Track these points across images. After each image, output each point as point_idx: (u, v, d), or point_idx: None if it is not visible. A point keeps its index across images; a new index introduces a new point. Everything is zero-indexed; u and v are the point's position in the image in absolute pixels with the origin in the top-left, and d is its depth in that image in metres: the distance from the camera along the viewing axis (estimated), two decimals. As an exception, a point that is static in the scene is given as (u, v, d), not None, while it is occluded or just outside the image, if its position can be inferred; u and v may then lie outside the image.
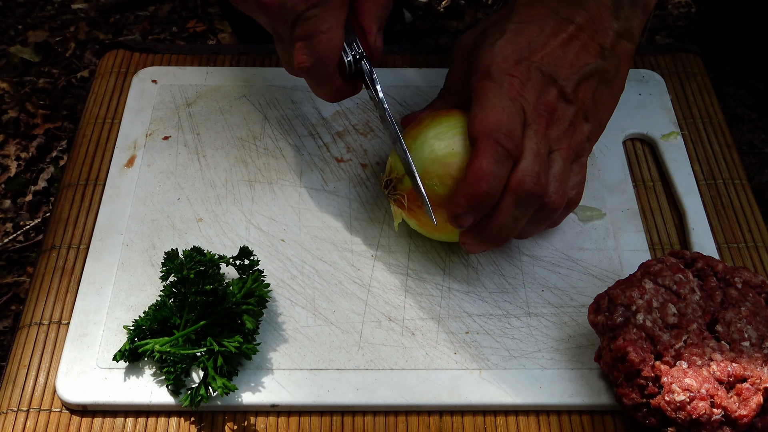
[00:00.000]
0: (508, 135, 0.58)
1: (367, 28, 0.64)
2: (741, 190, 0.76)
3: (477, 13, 1.32)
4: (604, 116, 0.66)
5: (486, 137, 0.59)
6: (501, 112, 0.59)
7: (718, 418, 0.54)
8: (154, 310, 0.62)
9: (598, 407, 0.61)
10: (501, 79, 0.61)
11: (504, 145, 0.58)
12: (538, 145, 0.60)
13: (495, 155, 0.58)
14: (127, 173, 0.75)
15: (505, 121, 0.59)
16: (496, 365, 0.63)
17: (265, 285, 0.63)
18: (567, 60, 0.62)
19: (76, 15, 1.33)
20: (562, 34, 0.63)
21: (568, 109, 0.62)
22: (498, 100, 0.60)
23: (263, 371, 0.62)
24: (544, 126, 0.61)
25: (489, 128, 0.59)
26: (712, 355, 0.56)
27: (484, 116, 0.59)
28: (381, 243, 0.70)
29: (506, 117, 0.59)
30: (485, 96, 0.60)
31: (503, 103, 0.59)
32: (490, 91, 0.60)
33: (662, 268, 0.60)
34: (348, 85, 0.67)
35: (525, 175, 0.59)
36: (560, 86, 0.61)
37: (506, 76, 0.61)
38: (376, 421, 0.61)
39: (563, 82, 0.61)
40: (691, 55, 0.87)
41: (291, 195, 0.74)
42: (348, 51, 0.64)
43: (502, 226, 0.61)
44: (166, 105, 0.81)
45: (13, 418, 0.61)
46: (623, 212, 0.73)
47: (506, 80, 0.60)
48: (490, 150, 0.58)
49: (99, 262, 0.68)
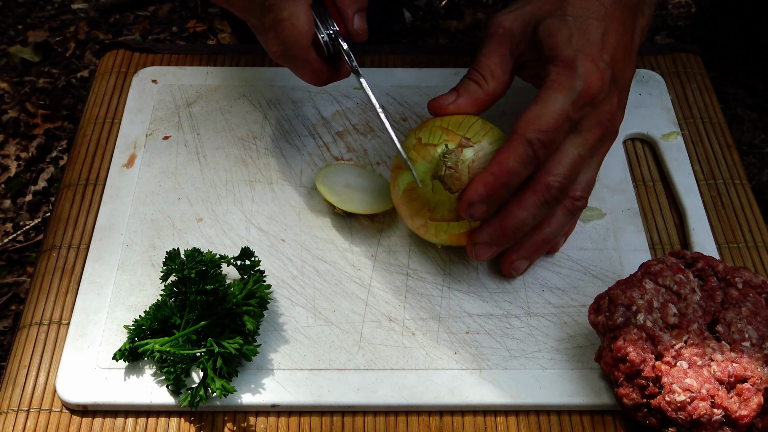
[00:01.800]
0: (545, 145, 0.59)
1: (343, 12, 0.65)
2: (741, 190, 0.76)
3: (477, 13, 1.32)
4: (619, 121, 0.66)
5: (522, 137, 0.59)
6: (553, 120, 0.59)
7: (718, 419, 0.54)
8: (155, 310, 0.62)
9: (599, 407, 0.61)
10: (583, 70, 0.59)
11: (536, 151, 0.59)
12: (581, 153, 0.61)
13: (524, 156, 0.59)
14: (127, 173, 0.75)
15: (552, 128, 0.59)
16: (497, 365, 0.63)
17: (267, 286, 0.63)
18: (623, 63, 0.62)
19: (76, 15, 1.33)
20: (617, 33, 0.62)
21: (619, 115, 0.63)
22: (560, 104, 0.59)
23: (263, 371, 0.62)
24: (597, 137, 0.61)
25: (531, 130, 0.59)
26: (712, 356, 0.56)
27: (536, 118, 0.59)
28: (381, 243, 0.70)
29: (554, 124, 0.59)
30: (553, 92, 0.59)
31: (563, 108, 0.59)
32: (563, 88, 0.59)
33: (663, 268, 0.60)
34: (330, 67, 0.67)
35: (556, 181, 0.60)
36: (620, 92, 0.62)
37: (587, 75, 0.60)
38: (376, 421, 0.61)
39: (622, 88, 0.62)
40: (691, 55, 0.87)
41: (291, 195, 0.74)
42: (323, 30, 0.65)
43: (522, 221, 0.61)
44: (166, 105, 0.81)
45: (14, 418, 0.61)
46: (623, 212, 0.73)
47: (584, 80, 0.59)
48: (520, 150, 0.59)
49: (99, 261, 0.68)
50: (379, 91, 0.82)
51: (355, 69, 0.66)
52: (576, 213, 0.66)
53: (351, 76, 0.68)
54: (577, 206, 0.65)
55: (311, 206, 0.73)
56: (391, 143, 0.65)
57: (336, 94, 0.82)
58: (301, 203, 0.73)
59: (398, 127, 0.79)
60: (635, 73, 0.83)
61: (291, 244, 0.70)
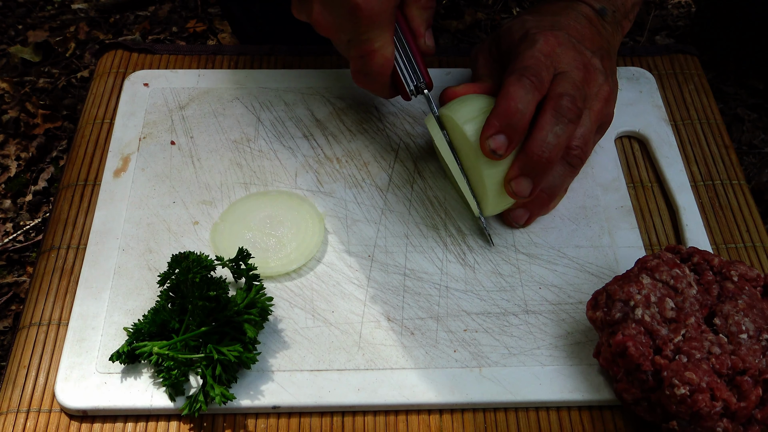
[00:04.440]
0: (533, 73, 0.64)
1: (416, 31, 0.70)
2: (739, 190, 0.76)
3: (477, 13, 1.32)
4: (613, 102, 0.71)
5: (512, 73, 0.65)
6: (531, 59, 0.65)
7: (718, 411, 0.54)
8: (153, 314, 0.61)
9: (598, 403, 0.62)
10: (536, 38, 0.67)
11: (529, 78, 0.64)
12: (575, 79, 0.66)
13: (522, 84, 0.64)
14: (122, 177, 0.74)
15: (533, 63, 0.65)
16: (496, 363, 0.63)
17: (268, 298, 0.63)
18: (587, 37, 0.70)
19: (76, 15, 1.32)
20: (580, 18, 0.71)
21: (598, 74, 0.68)
22: (532, 52, 0.66)
23: (264, 373, 0.62)
24: (580, 78, 0.66)
25: (517, 68, 0.65)
26: (710, 348, 0.56)
27: (518, 62, 0.66)
28: (378, 243, 0.70)
29: (534, 62, 0.65)
30: (521, 54, 0.67)
31: (535, 55, 0.66)
32: (526, 50, 0.66)
33: (659, 264, 0.61)
34: (397, 92, 0.73)
35: (566, 86, 0.65)
36: (589, 54, 0.68)
37: (541, 35, 0.67)
38: (376, 420, 0.61)
39: (589, 52, 0.68)
40: (689, 56, 0.88)
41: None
42: (410, 81, 0.71)
43: (542, 140, 0.64)
44: (158, 108, 0.81)
45: (13, 418, 0.60)
46: (617, 209, 0.73)
47: (541, 38, 0.67)
48: (516, 82, 0.64)
49: (96, 266, 0.68)
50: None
51: (427, 97, 0.71)
52: (573, 163, 0.68)
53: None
54: (574, 155, 0.67)
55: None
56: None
57: (328, 95, 0.82)
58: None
59: (395, 128, 0.79)
60: (626, 70, 0.84)
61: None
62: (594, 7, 0.73)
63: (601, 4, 0.73)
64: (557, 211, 0.72)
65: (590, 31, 0.71)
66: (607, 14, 0.73)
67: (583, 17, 0.72)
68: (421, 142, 0.78)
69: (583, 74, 0.67)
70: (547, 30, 0.68)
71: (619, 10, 0.74)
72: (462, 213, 0.73)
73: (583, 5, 0.73)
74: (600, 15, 0.73)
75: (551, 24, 0.69)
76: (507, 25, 0.73)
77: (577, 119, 0.65)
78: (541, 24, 0.70)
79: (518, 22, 0.71)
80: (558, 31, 0.68)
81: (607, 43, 0.72)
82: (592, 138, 0.68)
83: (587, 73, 0.67)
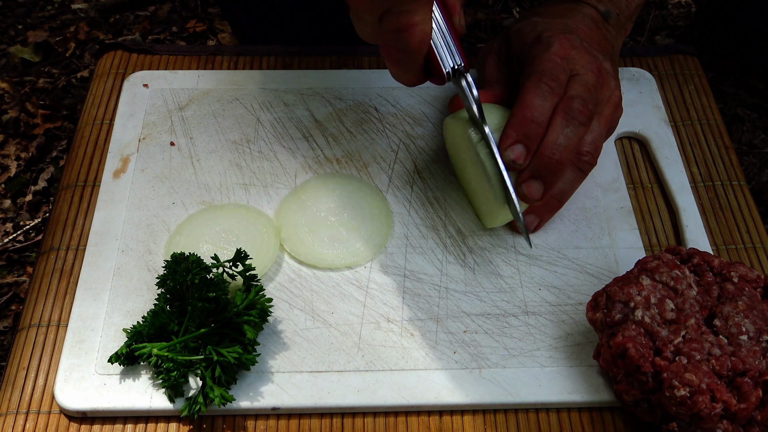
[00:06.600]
0: (551, 77, 0.65)
1: (451, 8, 0.66)
2: (739, 191, 0.76)
3: (477, 13, 1.32)
4: (621, 108, 0.71)
5: (529, 77, 0.65)
6: (549, 62, 0.66)
7: (718, 412, 0.54)
8: (152, 317, 0.61)
9: (598, 404, 0.62)
10: (551, 41, 0.67)
11: (547, 83, 0.64)
12: (587, 80, 0.66)
13: (539, 90, 0.64)
14: (121, 178, 0.74)
15: (551, 67, 0.65)
16: (496, 364, 0.63)
17: (268, 299, 0.63)
18: (596, 40, 0.70)
19: (76, 15, 1.32)
20: (587, 21, 0.71)
21: (610, 78, 0.68)
22: (548, 55, 0.66)
23: (263, 374, 0.62)
24: (593, 81, 0.66)
25: (535, 71, 0.65)
26: (710, 350, 0.56)
27: (534, 65, 0.66)
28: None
29: (552, 65, 0.65)
30: (536, 57, 0.66)
31: (552, 58, 0.66)
32: (541, 53, 0.66)
33: (659, 265, 0.61)
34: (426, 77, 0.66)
35: (579, 89, 0.65)
36: (601, 57, 0.68)
37: (556, 38, 0.67)
38: (376, 422, 0.61)
39: (600, 55, 0.68)
40: (689, 56, 0.88)
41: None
42: (447, 63, 0.63)
43: (554, 142, 0.64)
44: (158, 109, 0.81)
45: (13, 419, 0.60)
46: (617, 210, 0.73)
47: (556, 41, 0.67)
48: (534, 87, 0.64)
49: (95, 267, 0.68)
50: (372, 92, 0.82)
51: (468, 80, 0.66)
52: (584, 169, 0.68)
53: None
54: (585, 161, 0.67)
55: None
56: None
57: (328, 96, 0.82)
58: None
59: (395, 129, 0.79)
60: (626, 71, 0.84)
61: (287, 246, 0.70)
62: (599, 9, 0.73)
63: (606, 7, 0.73)
64: (557, 213, 0.72)
65: (597, 34, 0.71)
66: (611, 17, 0.73)
67: (590, 20, 0.72)
68: (421, 143, 0.78)
69: (596, 78, 0.67)
70: (561, 33, 0.68)
71: (622, 13, 0.74)
72: (462, 214, 0.73)
73: (587, 7, 0.72)
74: (604, 18, 0.73)
75: (563, 27, 0.69)
76: (516, 27, 0.72)
77: (587, 122, 0.65)
78: (553, 26, 0.69)
79: (528, 24, 0.71)
80: (571, 34, 0.68)
81: (611, 46, 0.72)
82: (602, 144, 0.68)
83: (600, 77, 0.67)
